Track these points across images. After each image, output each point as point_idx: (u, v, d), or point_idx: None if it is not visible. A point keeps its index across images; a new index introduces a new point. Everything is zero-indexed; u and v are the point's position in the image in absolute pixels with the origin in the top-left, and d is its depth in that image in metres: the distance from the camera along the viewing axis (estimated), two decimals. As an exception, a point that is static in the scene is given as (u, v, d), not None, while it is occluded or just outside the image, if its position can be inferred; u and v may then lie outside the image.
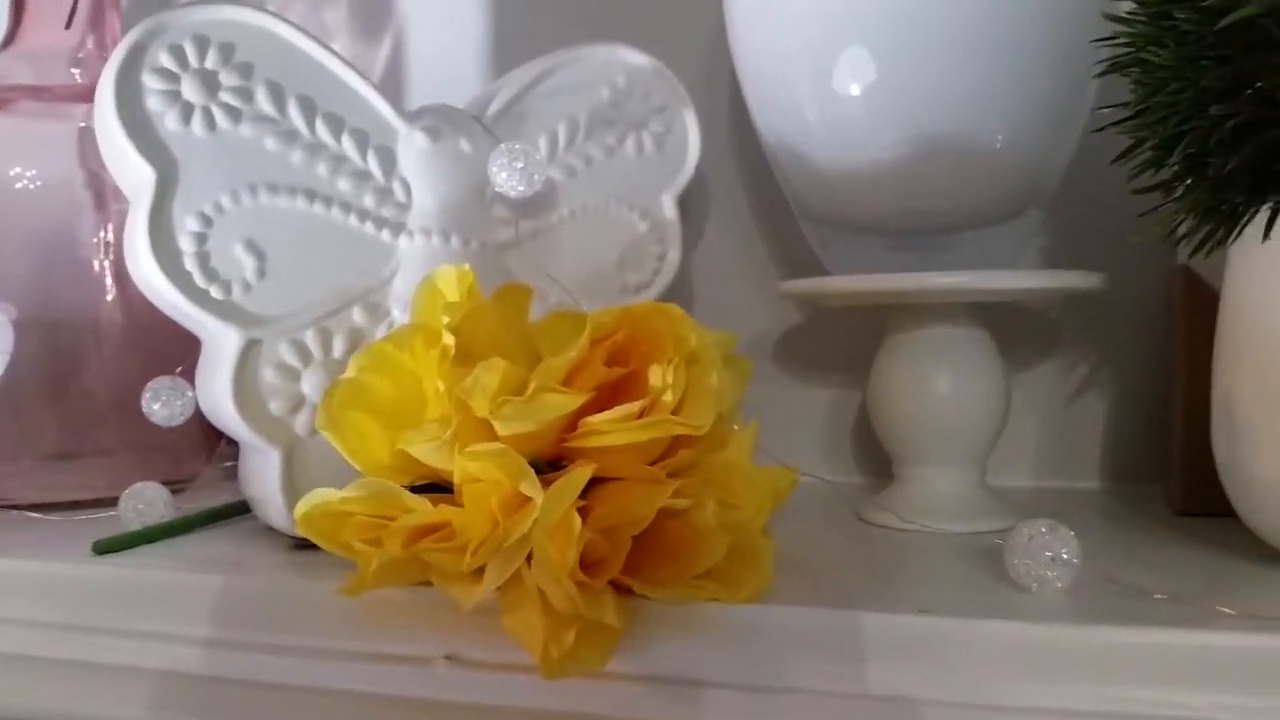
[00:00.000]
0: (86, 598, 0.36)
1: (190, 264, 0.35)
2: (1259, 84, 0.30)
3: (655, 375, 0.30)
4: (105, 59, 0.50)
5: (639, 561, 0.30)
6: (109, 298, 0.49)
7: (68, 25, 0.50)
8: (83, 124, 0.48)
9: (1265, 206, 0.31)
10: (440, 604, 0.31)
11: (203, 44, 0.36)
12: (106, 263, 0.49)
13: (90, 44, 0.50)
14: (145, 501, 0.41)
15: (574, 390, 0.30)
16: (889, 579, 0.34)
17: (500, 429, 0.29)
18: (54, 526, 0.43)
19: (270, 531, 0.39)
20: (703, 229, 0.57)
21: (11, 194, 0.47)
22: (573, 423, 0.30)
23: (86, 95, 0.48)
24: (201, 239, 0.36)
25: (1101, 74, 0.35)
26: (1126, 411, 0.52)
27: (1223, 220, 0.33)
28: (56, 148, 0.48)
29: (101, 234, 0.49)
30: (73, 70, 0.49)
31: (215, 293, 0.36)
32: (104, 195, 0.49)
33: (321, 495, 0.31)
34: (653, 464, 0.30)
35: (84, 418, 0.49)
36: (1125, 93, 0.34)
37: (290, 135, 0.37)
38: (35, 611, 0.36)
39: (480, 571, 0.29)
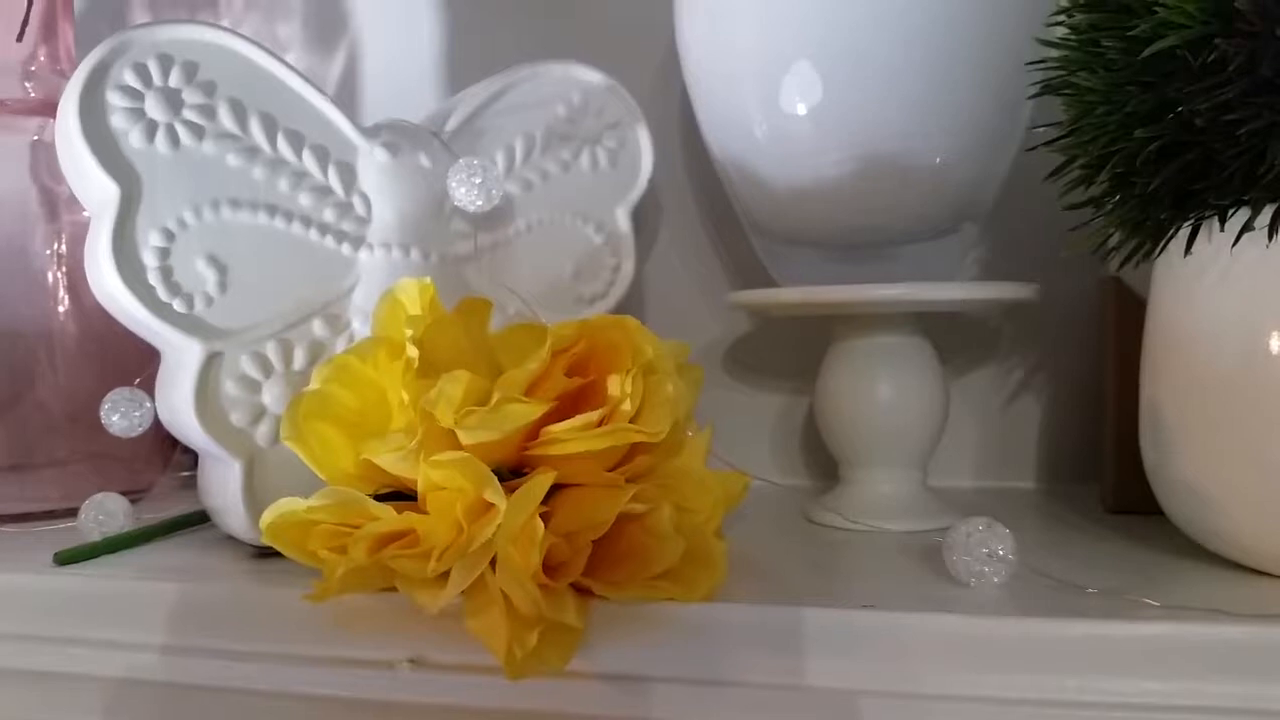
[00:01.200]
0: (49, 608, 0.36)
1: (153, 278, 0.36)
2: (1180, 109, 0.32)
3: (614, 385, 0.31)
4: (58, 72, 0.50)
5: (598, 564, 0.31)
6: (62, 309, 0.49)
7: (19, 37, 0.50)
8: (35, 137, 0.48)
9: (1187, 223, 0.33)
10: (403, 608, 0.31)
11: (166, 62, 0.36)
12: (60, 274, 0.49)
13: (43, 56, 0.50)
14: (105, 512, 0.41)
15: (536, 400, 0.31)
16: (835, 576, 0.36)
17: (464, 438, 0.30)
18: (11, 538, 0.43)
19: (231, 540, 0.39)
20: (654, 240, 0.58)
21: (-36, 207, 0.47)
22: (534, 431, 0.31)
23: (39, 109, 0.48)
24: (164, 254, 0.36)
25: (1034, 95, 0.37)
26: (1061, 415, 0.54)
27: (1148, 235, 0.35)
28: (9, 161, 0.48)
29: (55, 246, 0.49)
30: (25, 84, 0.49)
31: (178, 306, 0.36)
32: (56, 208, 0.49)
33: (287, 505, 0.31)
34: (611, 470, 0.31)
35: (37, 429, 0.49)
36: (1058, 112, 0.36)
37: (252, 152, 0.38)
38: (-1, 624, 0.36)
39: (445, 576, 0.29)
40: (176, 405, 0.37)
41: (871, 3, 0.39)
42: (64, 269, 0.49)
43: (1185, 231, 0.33)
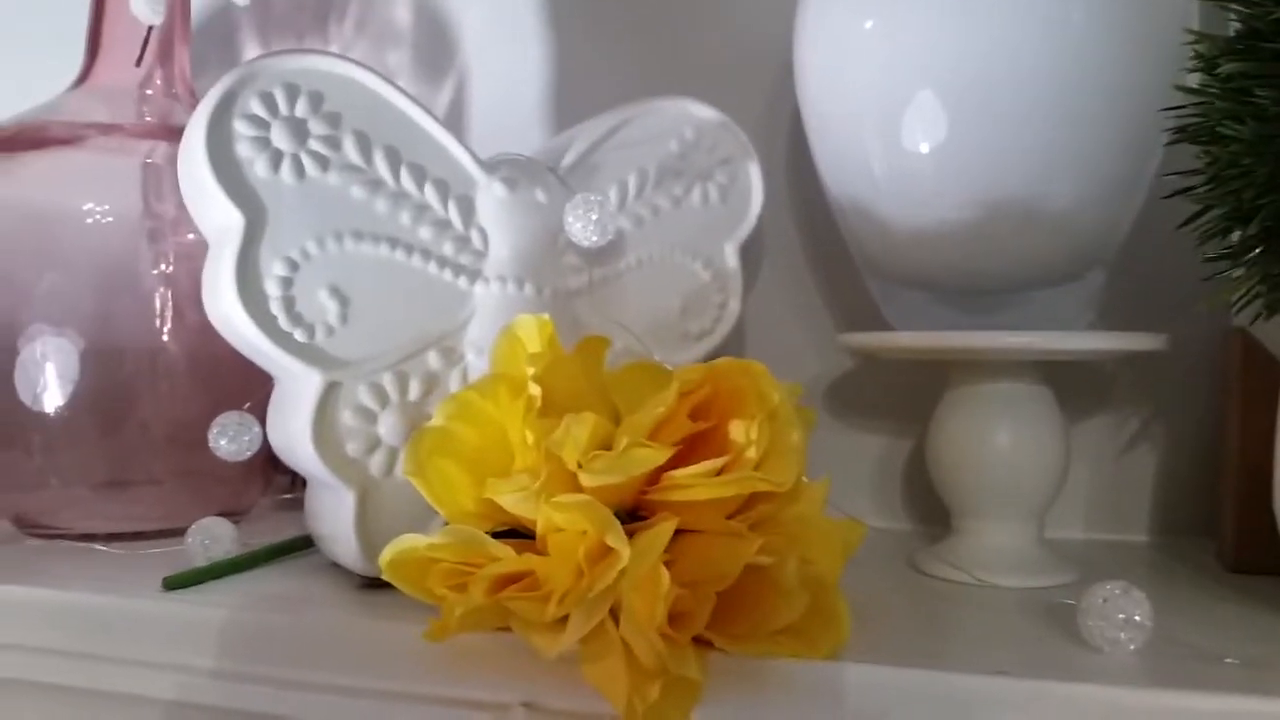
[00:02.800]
0: (156, 633, 0.36)
1: (276, 308, 0.36)
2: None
3: (738, 431, 0.31)
4: (172, 96, 0.51)
5: (717, 615, 0.30)
6: (166, 329, 0.49)
7: (138, 62, 0.51)
8: (147, 160, 0.49)
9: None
10: (517, 650, 0.31)
11: (293, 92, 0.37)
12: (165, 295, 0.49)
13: (159, 80, 0.51)
14: (211, 536, 0.41)
15: (659, 444, 0.30)
16: (955, 636, 0.35)
17: (588, 481, 0.29)
18: (115, 559, 0.43)
19: (336, 568, 0.39)
20: (756, 276, 0.57)
21: (83, 228, 0.48)
22: (655, 475, 0.31)
23: (153, 132, 0.49)
24: (287, 283, 0.36)
25: (1171, 142, 0.36)
26: (1176, 467, 0.52)
27: (1292, 290, 0.34)
28: (122, 183, 0.49)
29: (162, 267, 0.49)
30: (141, 107, 0.50)
31: (299, 336, 0.36)
32: (163, 229, 0.49)
33: (407, 541, 0.31)
34: (730, 517, 0.31)
35: (139, 448, 0.49)
36: (1188, 160, 0.35)
37: (375, 184, 0.38)
38: (101, 646, 0.37)
39: (563, 621, 0.29)
40: (293, 433, 0.37)
41: (999, 39, 0.38)
42: (169, 290, 0.49)
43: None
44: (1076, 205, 0.40)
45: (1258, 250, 0.34)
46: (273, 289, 0.36)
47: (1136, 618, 0.31)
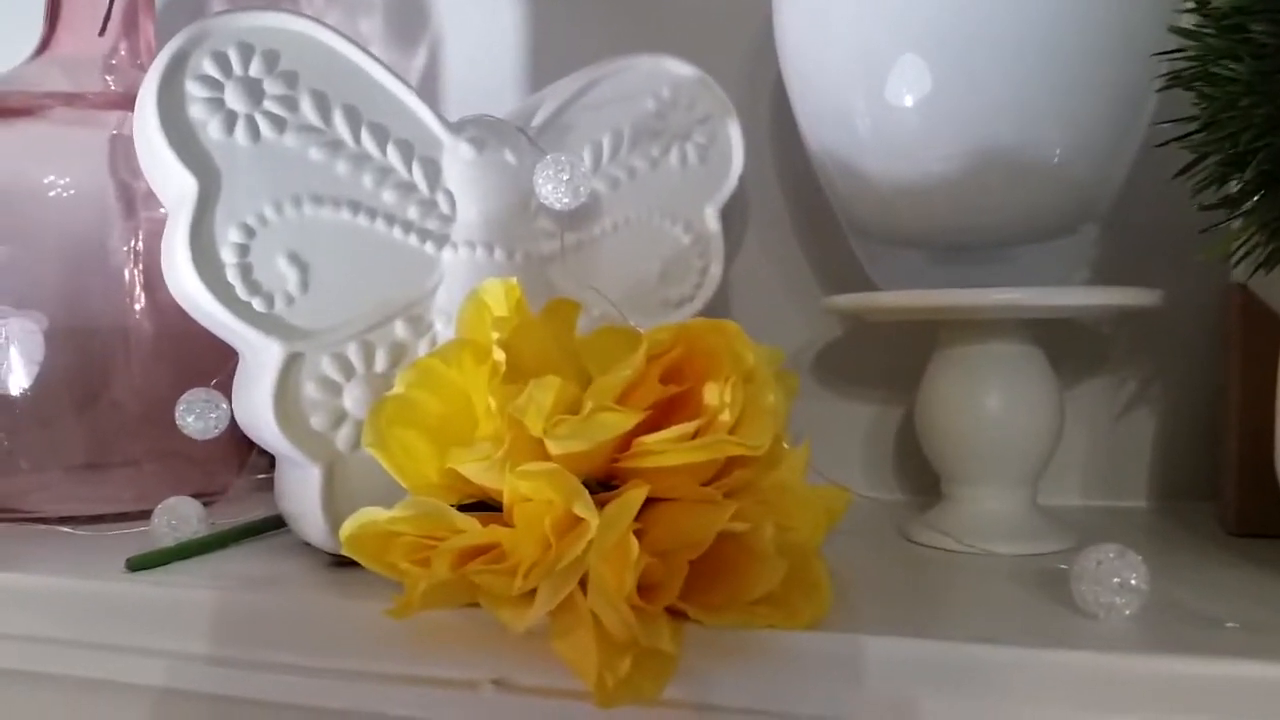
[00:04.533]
0: (119, 615, 0.35)
1: (232, 276, 0.35)
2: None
3: (712, 394, 0.29)
4: (138, 66, 0.50)
5: (692, 585, 0.29)
6: (138, 307, 0.48)
7: (101, 31, 0.50)
8: (115, 131, 0.48)
9: (1340, 225, 0.30)
10: (487, 626, 0.30)
11: (247, 51, 0.35)
12: (136, 271, 0.48)
13: (123, 50, 0.50)
14: (178, 517, 0.40)
15: (629, 409, 0.29)
16: (945, 604, 0.34)
17: (554, 448, 0.28)
18: (84, 540, 0.42)
19: (307, 547, 0.38)
20: (741, 240, 0.56)
21: (45, 201, 0.46)
22: (626, 442, 0.29)
23: (119, 103, 0.48)
24: (244, 250, 0.35)
25: (1165, 87, 0.34)
26: (1175, 429, 0.51)
27: (1294, 238, 0.32)
28: (89, 156, 0.48)
29: (132, 242, 0.48)
30: (106, 77, 0.49)
31: (258, 305, 0.35)
32: (133, 203, 0.48)
33: (368, 515, 0.30)
34: (706, 484, 0.30)
35: (112, 428, 0.48)
36: (1184, 107, 0.34)
37: (335, 145, 0.37)
38: (67, 630, 0.36)
39: (531, 594, 0.28)
40: (255, 407, 0.35)
41: (984, -14, 0.37)
42: (141, 266, 0.48)
43: (1340, 234, 0.30)
44: (1067, 155, 0.39)
45: (1256, 197, 0.33)
46: (229, 256, 0.35)
47: (1132, 581, 0.30)
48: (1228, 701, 0.26)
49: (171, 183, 0.35)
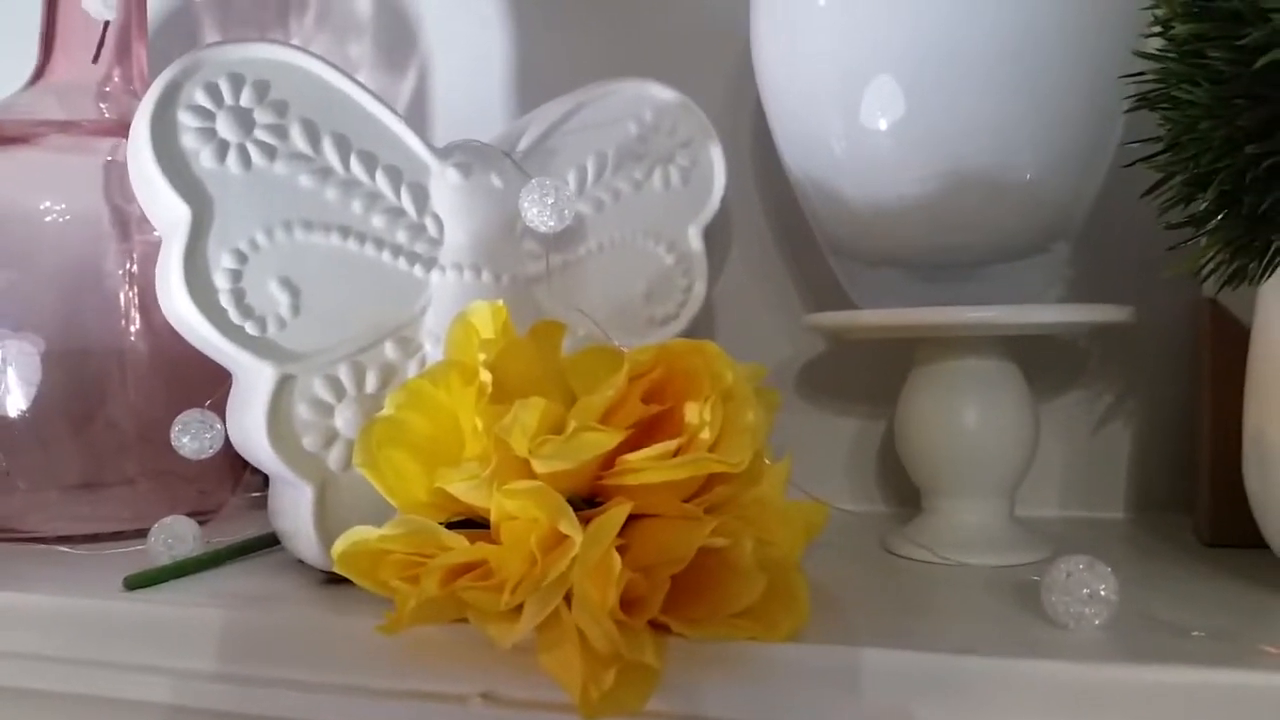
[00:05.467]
0: (116, 633, 0.36)
1: (225, 300, 0.35)
2: (1293, 123, 0.30)
3: (692, 412, 0.30)
4: (131, 93, 0.51)
5: (675, 600, 0.30)
6: (134, 329, 0.49)
7: (95, 59, 0.50)
8: (109, 158, 0.49)
9: (1298, 244, 0.31)
10: (476, 641, 0.31)
11: (238, 82, 0.36)
12: (131, 294, 0.49)
13: (117, 77, 0.51)
14: (174, 535, 0.41)
15: (611, 428, 0.30)
16: (922, 615, 0.34)
17: (539, 467, 0.29)
18: (80, 559, 0.43)
19: (301, 565, 0.39)
20: (725, 259, 0.57)
21: (41, 227, 0.47)
22: (609, 460, 0.30)
23: (113, 129, 0.49)
24: (236, 276, 0.36)
25: (1131, 109, 0.35)
26: (1151, 442, 0.51)
27: (1255, 256, 0.33)
28: (84, 181, 0.48)
29: (127, 265, 0.49)
30: (100, 104, 0.50)
31: (250, 329, 0.36)
32: (128, 227, 0.49)
33: (359, 533, 0.31)
34: (688, 500, 0.30)
35: (108, 448, 0.49)
36: (1152, 127, 0.35)
37: (324, 172, 0.37)
38: (65, 648, 0.36)
39: (518, 610, 0.29)
40: (249, 428, 0.36)
41: (956, 12, 0.38)
42: (135, 289, 0.49)
43: (1297, 253, 0.31)
44: (1039, 176, 0.40)
45: (1219, 216, 0.34)
46: (221, 282, 0.35)
47: (1101, 592, 0.30)
48: (1194, 708, 0.27)
49: (165, 210, 0.35)
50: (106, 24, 0.50)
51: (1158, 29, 0.34)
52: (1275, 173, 0.31)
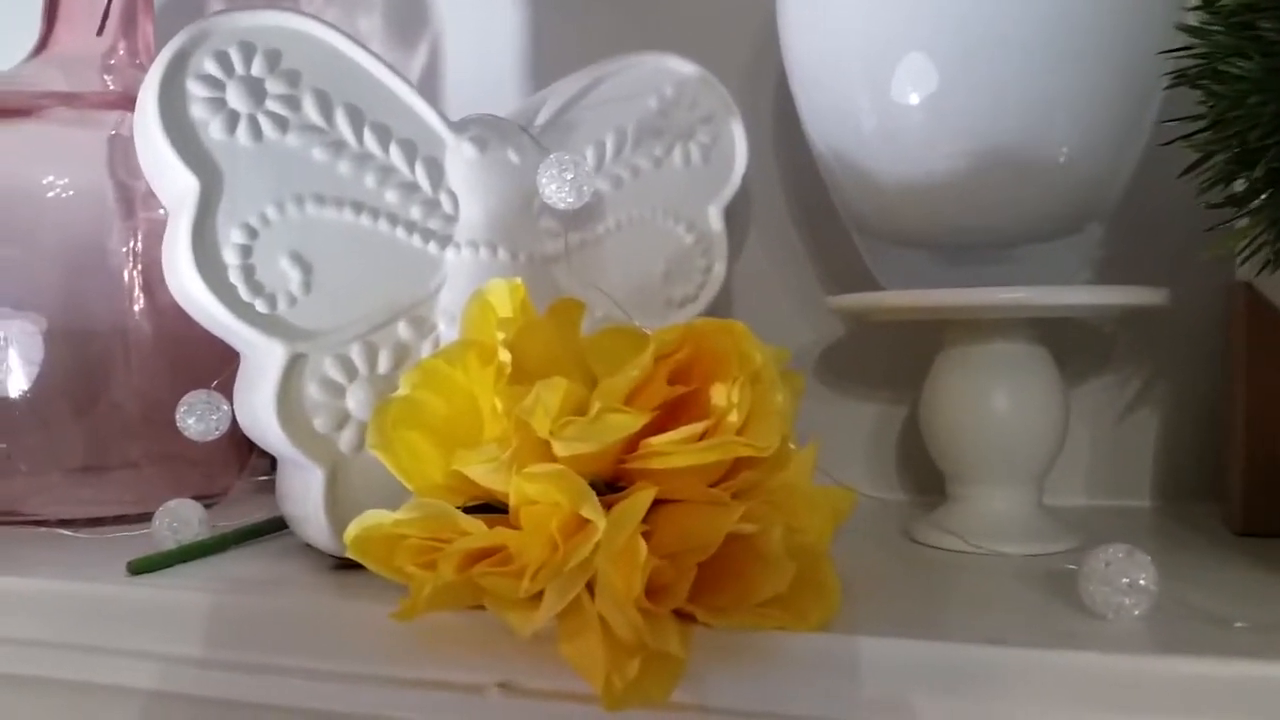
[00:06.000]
0: (120, 618, 0.35)
1: (235, 277, 0.35)
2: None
3: (719, 394, 0.29)
4: (137, 65, 0.50)
5: (701, 588, 0.29)
6: (138, 308, 0.48)
7: (100, 31, 0.50)
8: (113, 131, 0.48)
9: (1348, 224, 0.30)
10: (493, 629, 0.30)
11: (249, 50, 0.35)
12: (135, 272, 0.48)
13: (122, 50, 0.50)
14: (179, 519, 0.40)
15: (636, 410, 0.29)
16: (951, 605, 0.34)
17: (561, 450, 0.28)
18: (85, 544, 0.42)
19: (309, 549, 0.38)
20: (744, 239, 0.56)
21: (43, 202, 0.46)
22: (633, 443, 0.29)
23: (118, 102, 0.48)
24: (246, 251, 0.35)
25: (1171, 86, 0.34)
26: (1180, 429, 0.51)
27: (1301, 236, 0.32)
28: (88, 156, 0.48)
29: (131, 243, 0.48)
30: (105, 77, 0.49)
31: (260, 306, 0.35)
32: (133, 204, 0.48)
33: (373, 517, 0.30)
34: (714, 485, 0.30)
35: (112, 430, 0.48)
36: (1190, 105, 0.34)
37: (338, 145, 0.37)
38: (67, 634, 0.36)
39: (538, 597, 0.28)
40: (257, 409, 0.35)
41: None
42: (140, 267, 0.48)
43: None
44: (1072, 154, 0.39)
45: (1265, 195, 0.33)
46: (231, 257, 0.35)
47: (1141, 581, 0.30)
48: (1238, 701, 0.26)
49: (173, 183, 0.35)
50: (110, -5, 0.49)
51: (1199, 2, 0.33)
52: (1327, 149, 0.30)
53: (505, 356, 0.30)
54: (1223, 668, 0.27)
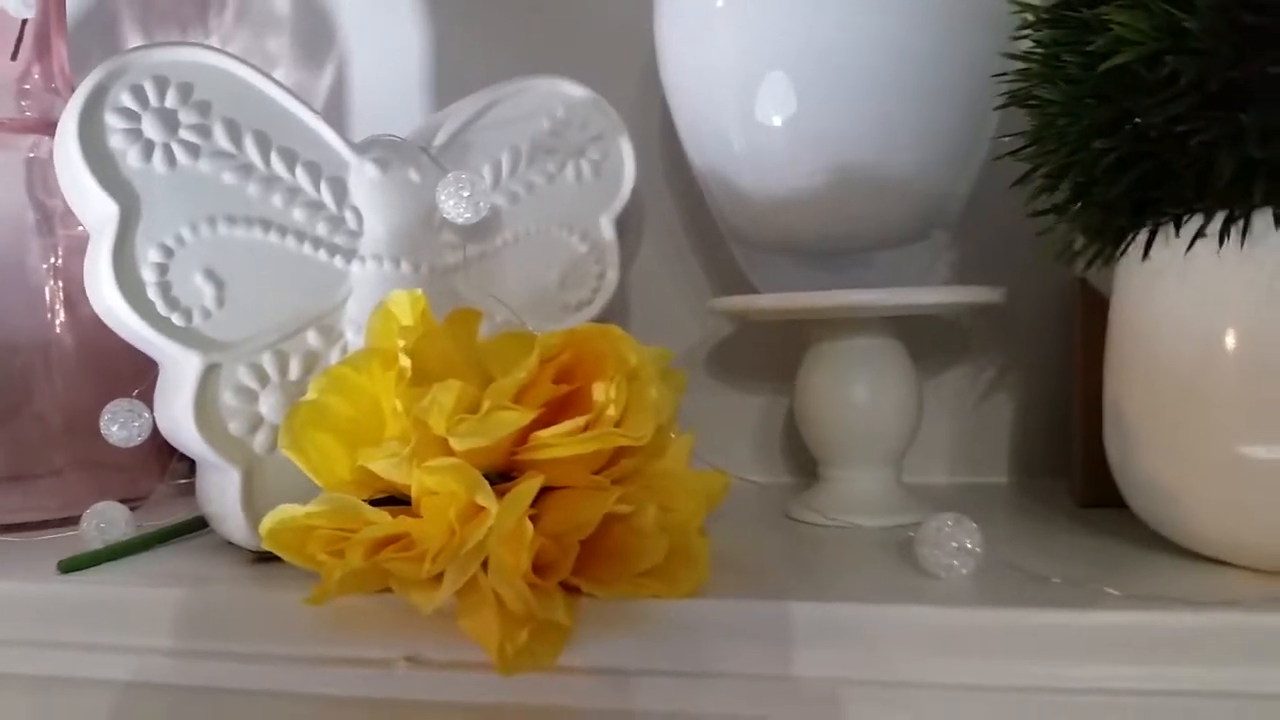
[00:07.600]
0: (54, 615, 0.37)
1: (153, 293, 0.37)
2: (1135, 121, 0.33)
3: (599, 391, 0.32)
4: (52, 90, 0.51)
5: (585, 563, 0.32)
6: (58, 322, 0.49)
7: (14, 56, 0.50)
8: (30, 154, 0.49)
9: (1144, 229, 0.34)
10: (399, 609, 0.32)
11: (162, 84, 0.37)
12: (56, 287, 0.50)
13: (36, 74, 0.51)
14: (106, 520, 0.42)
15: (524, 407, 0.32)
16: (813, 571, 0.37)
17: (456, 445, 0.31)
18: (14, 547, 0.43)
19: (230, 546, 0.40)
20: (637, 248, 0.59)
21: (-40, 223, 0.47)
22: (523, 437, 0.32)
23: (34, 126, 0.49)
24: (163, 269, 0.37)
25: (1000, 107, 0.38)
26: (1031, 412, 0.55)
27: (1109, 240, 0.36)
28: (6, 178, 0.49)
29: (51, 260, 0.49)
30: (20, 102, 0.50)
31: (177, 320, 0.37)
32: (51, 222, 0.49)
33: (286, 511, 0.32)
34: (597, 473, 0.33)
35: (35, 440, 0.49)
36: (1021, 123, 0.37)
37: (247, 169, 0.39)
38: (6, 630, 0.37)
39: (439, 578, 0.30)
40: (176, 416, 0.37)
41: (844, 18, 0.40)
42: (60, 282, 0.49)
43: (1143, 237, 0.34)
44: (919, 170, 0.43)
45: (1077, 205, 0.37)
46: (149, 275, 0.37)
47: (968, 545, 0.33)
48: (1050, 647, 0.30)
49: (94, 208, 0.37)
50: (25, 21, 0.50)
51: (1027, 31, 0.37)
52: (1121, 165, 0.34)
53: (405, 362, 0.33)
54: (1036, 617, 0.30)
